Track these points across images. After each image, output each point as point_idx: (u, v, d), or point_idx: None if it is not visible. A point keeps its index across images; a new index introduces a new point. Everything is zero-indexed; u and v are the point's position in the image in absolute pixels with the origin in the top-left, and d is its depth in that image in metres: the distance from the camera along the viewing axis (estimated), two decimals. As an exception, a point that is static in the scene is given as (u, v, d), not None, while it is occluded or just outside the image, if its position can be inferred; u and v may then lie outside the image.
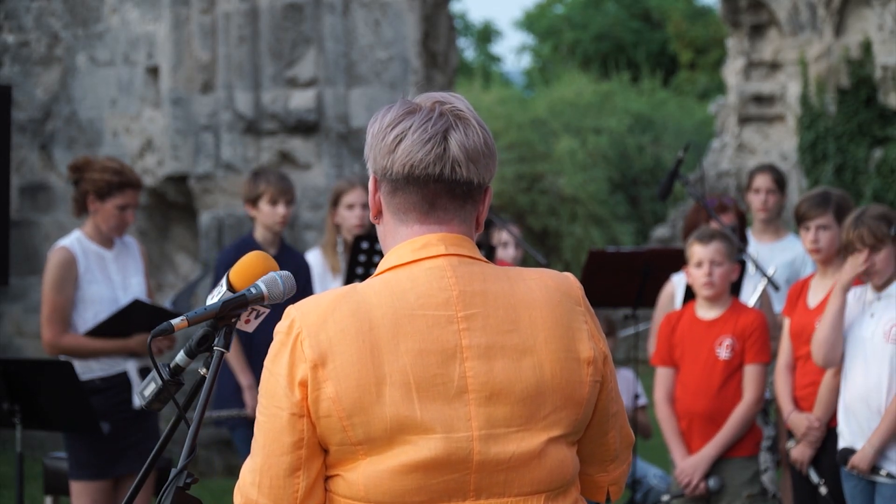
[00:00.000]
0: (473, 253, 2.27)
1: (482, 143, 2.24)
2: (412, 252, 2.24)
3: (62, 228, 9.17)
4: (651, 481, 6.36)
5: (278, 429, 2.17)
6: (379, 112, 2.30)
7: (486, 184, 2.28)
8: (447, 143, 2.21)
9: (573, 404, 2.24)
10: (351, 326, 2.17)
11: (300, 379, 2.16)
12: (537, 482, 2.21)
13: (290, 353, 2.18)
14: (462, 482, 2.17)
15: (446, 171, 2.22)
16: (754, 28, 11.49)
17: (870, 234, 4.75)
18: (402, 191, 2.25)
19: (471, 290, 2.21)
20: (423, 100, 2.27)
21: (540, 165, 17.36)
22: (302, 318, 2.19)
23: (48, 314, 5.35)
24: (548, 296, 2.26)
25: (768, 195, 6.49)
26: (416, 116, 2.23)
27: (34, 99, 10.01)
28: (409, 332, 2.17)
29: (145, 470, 2.37)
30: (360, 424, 2.15)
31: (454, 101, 2.27)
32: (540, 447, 2.20)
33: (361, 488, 2.17)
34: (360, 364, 2.15)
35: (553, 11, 32.52)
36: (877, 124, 10.44)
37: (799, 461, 5.16)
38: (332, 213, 6.29)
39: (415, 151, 2.21)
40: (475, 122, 2.25)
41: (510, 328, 2.21)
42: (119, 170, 5.43)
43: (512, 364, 2.19)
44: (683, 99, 24.02)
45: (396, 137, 2.23)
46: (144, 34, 9.71)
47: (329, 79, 9.39)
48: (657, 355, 5.43)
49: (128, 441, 5.37)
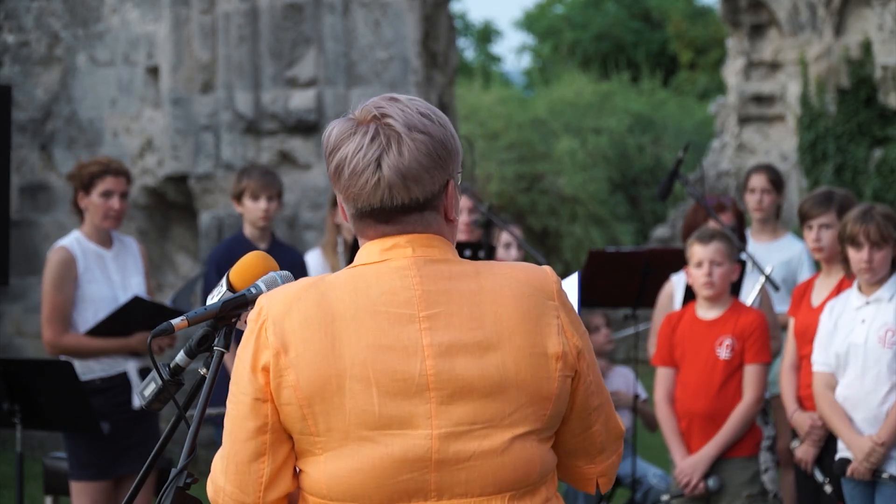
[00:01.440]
0: (445, 251, 2.26)
1: (419, 155, 2.20)
2: (380, 252, 2.24)
3: (62, 228, 9.16)
4: (651, 481, 6.36)
5: (243, 415, 2.19)
6: (331, 125, 2.27)
7: (437, 190, 2.24)
8: (381, 170, 2.19)
9: (540, 400, 2.21)
10: (314, 316, 2.17)
11: (263, 364, 2.17)
12: (501, 481, 2.19)
13: (255, 340, 2.19)
14: (422, 481, 2.17)
15: (386, 200, 2.20)
16: (754, 28, 11.49)
17: (877, 231, 4.74)
18: (357, 217, 2.25)
19: (434, 289, 2.21)
20: (361, 113, 2.24)
21: (540, 165, 17.36)
22: (269, 307, 2.20)
23: (48, 314, 5.36)
24: (516, 290, 2.24)
25: (764, 195, 6.49)
26: (351, 143, 2.21)
27: (34, 99, 10.02)
28: (371, 327, 2.17)
29: (145, 470, 2.37)
30: (320, 413, 2.15)
31: (390, 112, 2.22)
32: (504, 445, 2.19)
33: (324, 486, 2.18)
34: (322, 354, 2.16)
35: (553, 11, 32.52)
36: (877, 124, 10.44)
37: (803, 460, 5.16)
38: (332, 213, 6.29)
39: (353, 184, 2.20)
40: (409, 132, 2.20)
41: (474, 326, 2.20)
42: (100, 161, 5.52)
43: (474, 361, 2.18)
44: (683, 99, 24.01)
45: (338, 166, 2.22)
46: (144, 34, 9.72)
47: (329, 79, 9.39)
48: (658, 355, 5.43)
49: (128, 441, 5.37)
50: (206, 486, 2.26)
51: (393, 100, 2.25)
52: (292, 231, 9.36)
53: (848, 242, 4.80)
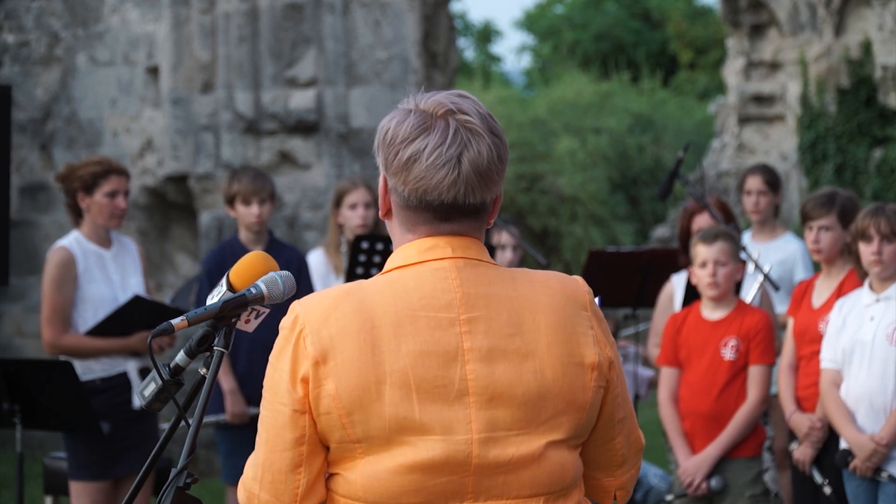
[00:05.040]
0: (481, 255, 2.26)
1: (496, 157, 2.21)
2: (418, 253, 2.23)
3: (62, 228, 9.16)
4: (651, 481, 6.36)
5: (280, 425, 2.18)
6: (392, 117, 2.24)
7: (496, 195, 2.26)
8: (461, 167, 2.18)
9: (575, 409, 2.22)
10: (353, 324, 2.16)
11: (302, 375, 2.16)
12: (536, 485, 2.20)
13: (293, 350, 2.18)
14: (460, 484, 2.17)
15: (459, 196, 2.20)
16: (754, 28, 11.48)
17: (887, 224, 4.75)
18: (414, 209, 2.23)
19: (475, 292, 2.20)
20: (433, 106, 2.21)
21: (540, 165, 17.35)
22: (305, 314, 2.19)
23: (48, 314, 5.36)
24: (552, 299, 2.24)
25: (759, 196, 6.48)
26: (430, 136, 2.18)
27: (34, 99, 10.01)
28: (411, 332, 2.16)
29: (145, 470, 2.37)
30: (359, 422, 2.15)
31: (466, 109, 2.22)
32: (540, 450, 2.19)
33: (360, 487, 2.17)
34: (361, 362, 2.15)
35: (553, 11, 32.50)
36: (877, 124, 10.43)
37: (801, 462, 5.16)
38: (334, 213, 6.28)
39: (428, 177, 2.18)
40: (487, 133, 2.21)
41: (513, 331, 2.19)
42: (100, 161, 5.50)
43: (513, 368, 2.18)
44: (683, 99, 23.99)
45: (410, 158, 2.19)
46: (144, 34, 9.71)
47: (329, 79, 9.39)
48: (662, 355, 5.42)
49: (128, 442, 5.37)
50: (237, 491, 2.26)
51: (462, 97, 2.24)
52: (292, 231, 9.36)
53: (859, 237, 4.81)
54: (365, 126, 9.39)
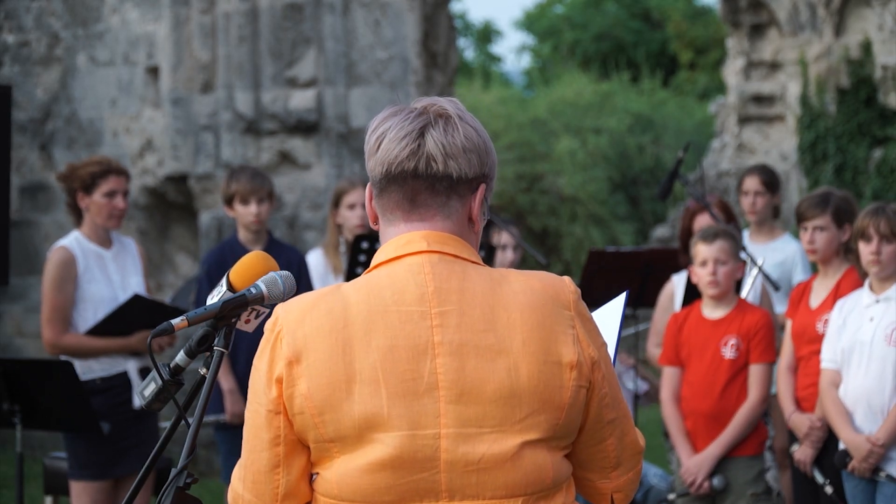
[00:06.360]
0: (459, 251, 2.25)
1: (463, 138, 2.24)
2: (395, 249, 2.24)
3: (62, 228, 9.16)
4: (651, 480, 6.36)
5: (258, 425, 2.20)
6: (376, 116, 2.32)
7: (470, 178, 2.26)
8: (423, 138, 2.22)
9: (552, 408, 2.20)
10: (326, 324, 2.18)
11: (277, 376, 2.18)
12: (512, 485, 2.18)
13: (270, 350, 2.20)
14: (432, 482, 2.16)
15: (421, 166, 2.22)
16: (754, 28, 11.48)
17: (887, 224, 4.75)
18: (386, 190, 2.26)
19: (447, 287, 2.20)
20: (416, 103, 2.28)
21: (540, 165, 17.35)
22: (284, 316, 2.22)
23: (48, 314, 5.36)
24: (531, 298, 2.23)
25: (757, 197, 6.47)
26: (397, 117, 2.25)
27: (34, 99, 10.02)
28: (381, 327, 2.17)
29: (145, 470, 2.37)
30: (330, 422, 2.16)
31: (443, 103, 2.27)
32: (514, 450, 2.17)
33: (335, 486, 2.18)
34: (332, 362, 2.16)
35: (553, 11, 32.50)
36: (877, 124, 10.43)
37: (802, 462, 5.16)
38: (333, 213, 6.29)
39: (391, 149, 2.23)
40: (460, 119, 2.25)
41: (485, 328, 2.19)
42: (100, 161, 5.51)
43: (485, 364, 2.18)
44: (683, 99, 23.99)
45: (377, 139, 2.25)
46: (144, 34, 9.72)
47: (329, 79, 9.39)
48: (664, 355, 5.43)
49: (128, 441, 5.37)
50: (227, 492, 2.28)
51: (451, 101, 2.30)
52: (292, 231, 9.36)
53: (859, 237, 4.81)
54: (365, 126, 9.37)
